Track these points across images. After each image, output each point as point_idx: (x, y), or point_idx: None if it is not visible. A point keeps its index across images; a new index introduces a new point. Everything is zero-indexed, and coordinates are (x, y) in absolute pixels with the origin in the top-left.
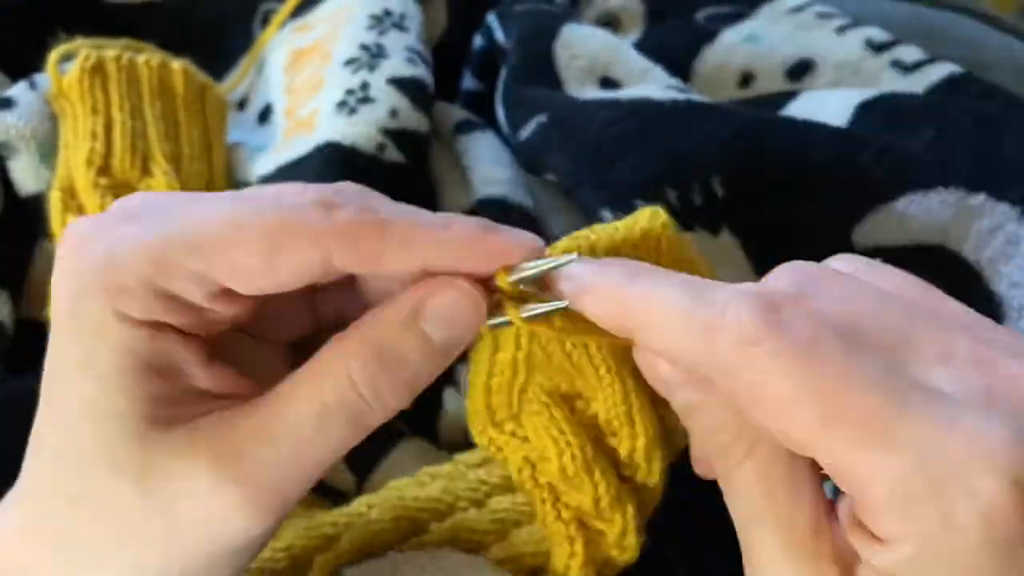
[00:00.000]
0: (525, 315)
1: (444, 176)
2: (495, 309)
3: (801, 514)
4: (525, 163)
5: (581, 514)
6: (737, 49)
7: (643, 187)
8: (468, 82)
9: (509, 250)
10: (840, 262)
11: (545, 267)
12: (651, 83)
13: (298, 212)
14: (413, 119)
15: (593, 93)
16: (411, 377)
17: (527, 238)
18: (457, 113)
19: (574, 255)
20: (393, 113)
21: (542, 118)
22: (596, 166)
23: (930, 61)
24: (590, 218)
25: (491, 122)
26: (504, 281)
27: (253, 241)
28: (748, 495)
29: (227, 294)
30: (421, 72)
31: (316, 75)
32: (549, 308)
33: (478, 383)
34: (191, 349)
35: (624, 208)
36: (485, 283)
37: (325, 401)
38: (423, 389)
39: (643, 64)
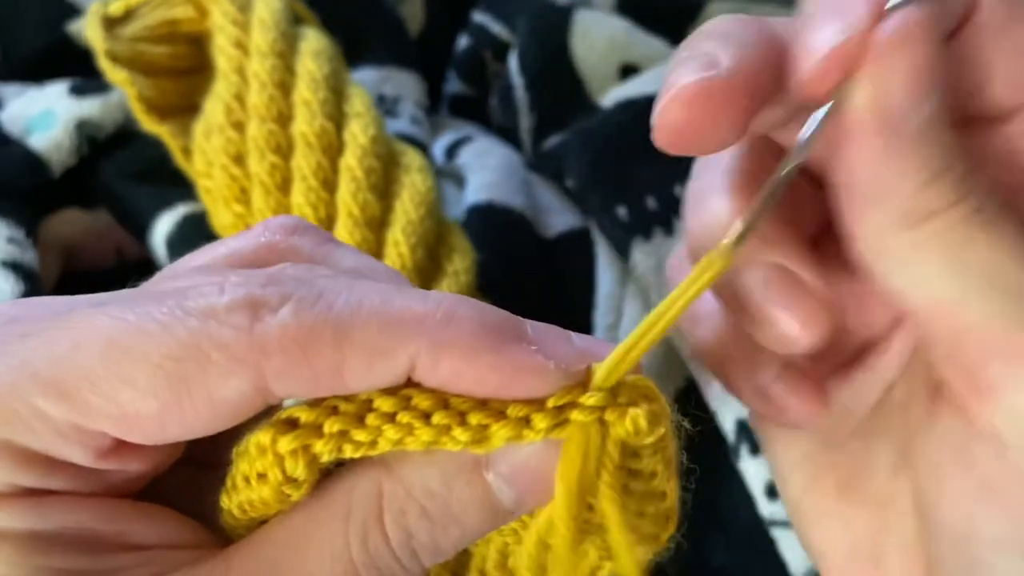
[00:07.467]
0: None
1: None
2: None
3: None
4: (548, 171)
5: None
6: None
7: (654, 186)
8: (453, 85)
9: (536, 373)
10: None
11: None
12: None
13: (211, 323)
14: None
15: (613, 92)
16: (460, 537)
17: (580, 353)
18: (444, 138)
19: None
20: None
21: (566, 135)
22: (612, 170)
23: None
24: (596, 218)
25: (483, 122)
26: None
27: (145, 376)
28: None
29: (128, 446)
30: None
31: None
32: None
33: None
34: (105, 510)
35: (638, 206)
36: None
37: (350, 558)
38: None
39: (656, 45)
